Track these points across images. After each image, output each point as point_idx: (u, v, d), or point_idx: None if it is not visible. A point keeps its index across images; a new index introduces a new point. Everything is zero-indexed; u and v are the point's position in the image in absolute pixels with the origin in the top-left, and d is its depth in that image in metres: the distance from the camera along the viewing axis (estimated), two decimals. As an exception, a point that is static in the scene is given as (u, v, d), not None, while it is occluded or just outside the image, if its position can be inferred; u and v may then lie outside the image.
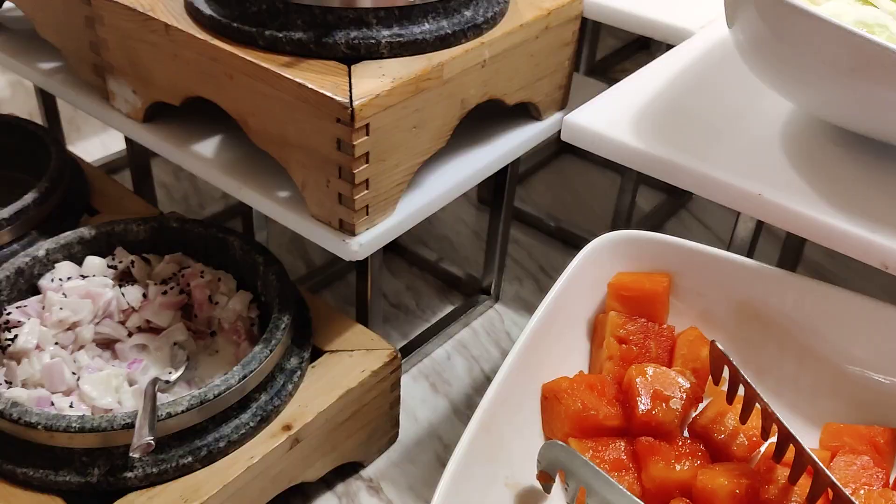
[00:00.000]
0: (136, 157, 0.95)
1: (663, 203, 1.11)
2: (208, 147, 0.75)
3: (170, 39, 0.69)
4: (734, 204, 0.55)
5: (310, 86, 0.60)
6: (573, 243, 1.04)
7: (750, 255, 0.64)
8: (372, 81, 0.61)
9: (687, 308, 0.56)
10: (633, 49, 1.40)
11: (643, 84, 0.67)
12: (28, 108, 1.25)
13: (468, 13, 0.68)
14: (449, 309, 0.94)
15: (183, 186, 1.09)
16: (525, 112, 0.80)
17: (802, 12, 0.51)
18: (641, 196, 1.08)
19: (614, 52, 1.39)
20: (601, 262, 0.56)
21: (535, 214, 1.07)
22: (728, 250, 0.59)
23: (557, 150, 1.21)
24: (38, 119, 1.08)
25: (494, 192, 0.88)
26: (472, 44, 0.68)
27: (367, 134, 0.61)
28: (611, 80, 0.72)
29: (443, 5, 0.66)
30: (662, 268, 0.56)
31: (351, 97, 0.59)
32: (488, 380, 0.85)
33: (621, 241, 0.56)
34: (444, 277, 0.98)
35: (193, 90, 0.70)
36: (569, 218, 1.08)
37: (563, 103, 0.83)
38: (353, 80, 0.61)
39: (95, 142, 1.20)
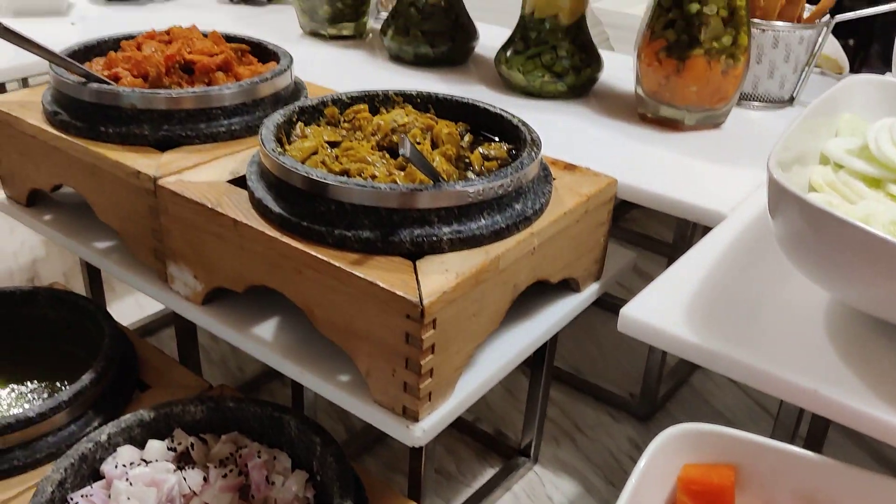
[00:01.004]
0: (184, 331, 0.98)
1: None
2: (267, 330, 0.78)
3: (237, 234, 0.73)
4: (792, 399, 0.58)
5: (381, 284, 0.64)
6: (605, 399, 1.06)
7: (816, 440, 0.66)
8: (437, 278, 0.65)
9: (752, 500, 0.58)
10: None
11: (689, 272, 0.71)
12: (63, 268, 1.29)
13: (518, 206, 0.73)
14: (489, 472, 0.95)
15: (222, 349, 1.11)
16: (565, 284, 0.84)
17: (836, 220, 0.55)
18: (668, 350, 1.10)
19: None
20: (669, 455, 0.58)
21: (566, 370, 1.10)
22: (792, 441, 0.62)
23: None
24: (78, 280, 1.11)
25: (535, 357, 0.91)
26: (524, 234, 0.72)
27: (434, 328, 0.64)
28: (622, 230, 0.75)
29: (496, 202, 0.71)
30: (727, 459, 0.58)
31: (420, 295, 0.63)
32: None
33: (688, 435, 0.58)
34: (481, 438, 1.00)
35: (259, 280, 0.74)
36: (598, 373, 1.11)
37: (599, 274, 0.88)
38: (420, 278, 0.65)
39: (130, 301, 1.23)
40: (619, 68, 1.17)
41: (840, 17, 1.05)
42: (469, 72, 1.19)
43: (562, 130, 1.00)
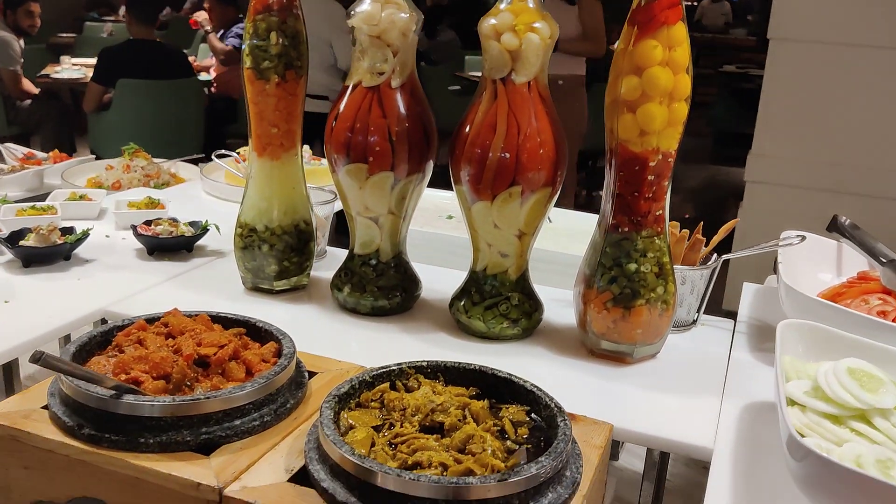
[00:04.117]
0: None
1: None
2: None
3: (325, 538, 0.76)
4: None
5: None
6: None
7: None
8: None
9: None
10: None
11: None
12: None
13: (569, 474, 0.83)
14: None
15: None
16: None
17: (835, 466, 0.72)
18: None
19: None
20: None
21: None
22: None
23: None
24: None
25: None
26: (577, 498, 0.82)
27: None
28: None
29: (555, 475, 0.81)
30: None
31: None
32: None
33: None
34: None
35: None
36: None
37: (602, 508, 0.99)
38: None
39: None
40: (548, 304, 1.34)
41: (727, 257, 1.30)
42: (419, 317, 1.30)
43: (531, 374, 1.13)
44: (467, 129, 1.16)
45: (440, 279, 1.40)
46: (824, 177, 3.13)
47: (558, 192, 1.18)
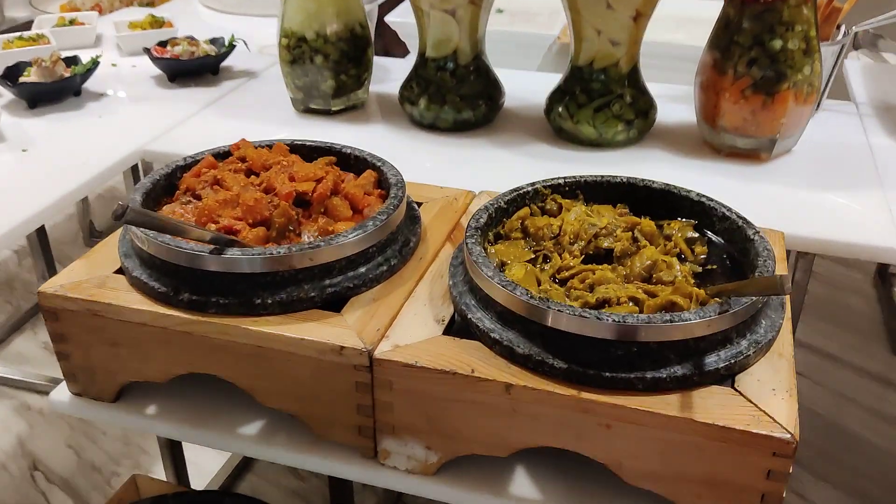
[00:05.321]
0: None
1: None
2: (524, 487, 0.69)
3: (510, 398, 0.63)
4: None
5: (736, 427, 0.59)
6: None
7: None
8: (778, 402, 0.61)
9: None
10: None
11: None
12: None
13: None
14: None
15: None
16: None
17: None
18: None
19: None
20: None
21: None
22: None
23: None
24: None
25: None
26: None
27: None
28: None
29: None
30: None
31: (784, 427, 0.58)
32: None
33: None
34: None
35: (539, 442, 0.65)
36: None
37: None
38: (762, 406, 0.60)
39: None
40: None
41: (861, 26, 1.11)
42: (508, 129, 1.13)
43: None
44: None
45: (515, 82, 1.21)
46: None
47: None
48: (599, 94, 1.03)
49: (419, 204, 0.88)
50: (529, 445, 0.66)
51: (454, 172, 1.02)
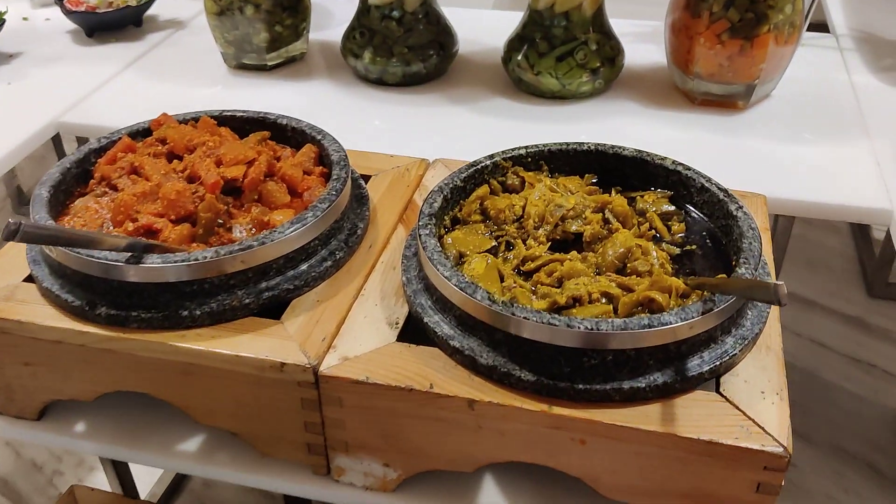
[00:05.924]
0: None
1: None
2: (489, 498, 0.64)
3: (474, 414, 0.57)
4: None
5: (723, 441, 0.53)
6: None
7: None
8: (768, 408, 0.55)
9: None
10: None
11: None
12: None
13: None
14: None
15: None
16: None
17: None
18: None
19: None
20: None
21: None
22: None
23: None
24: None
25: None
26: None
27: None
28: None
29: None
30: None
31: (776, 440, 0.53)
32: None
33: None
34: None
35: (504, 457, 0.59)
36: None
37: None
38: (752, 415, 0.55)
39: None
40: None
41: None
42: (461, 81, 1.03)
43: (626, 139, 0.90)
44: None
45: (470, 25, 1.11)
46: None
47: None
48: (561, 42, 0.94)
49: (367, 178, 0.80)
50: (497, 461, 0.60)
51: (405, 135, 0.93)
